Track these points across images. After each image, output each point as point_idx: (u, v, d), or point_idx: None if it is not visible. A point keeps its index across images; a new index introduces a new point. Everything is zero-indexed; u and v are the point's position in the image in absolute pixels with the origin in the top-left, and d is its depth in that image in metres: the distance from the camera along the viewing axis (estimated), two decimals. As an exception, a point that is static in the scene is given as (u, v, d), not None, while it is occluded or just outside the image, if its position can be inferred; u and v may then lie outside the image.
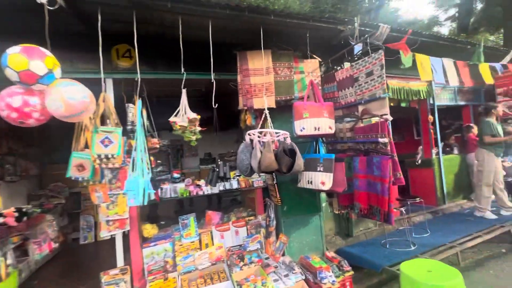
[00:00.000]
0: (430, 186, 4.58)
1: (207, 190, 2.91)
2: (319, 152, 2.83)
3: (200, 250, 2.82)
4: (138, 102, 2.13)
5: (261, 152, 2.04)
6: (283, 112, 2.92)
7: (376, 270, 2.67)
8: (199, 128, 2.07)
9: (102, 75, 2.04)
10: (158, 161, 5.75)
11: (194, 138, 2.05)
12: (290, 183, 2.96)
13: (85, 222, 4.71)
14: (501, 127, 3.94)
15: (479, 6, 13.72)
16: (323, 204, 3.30)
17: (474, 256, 3.04)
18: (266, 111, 2.38)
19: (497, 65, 4.32)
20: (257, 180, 3.13)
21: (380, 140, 2.24)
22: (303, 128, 2.40)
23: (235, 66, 2.74)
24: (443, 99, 4.90)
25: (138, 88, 2.10)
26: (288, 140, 2.27)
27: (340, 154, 2.81)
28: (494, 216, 3.79)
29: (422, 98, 4.48)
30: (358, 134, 2.56)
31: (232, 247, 2.95)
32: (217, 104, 2.20)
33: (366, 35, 2.63)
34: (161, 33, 2.55)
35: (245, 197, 3.78)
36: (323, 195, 3.26)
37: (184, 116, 2.00)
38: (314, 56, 3.04)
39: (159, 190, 2.76)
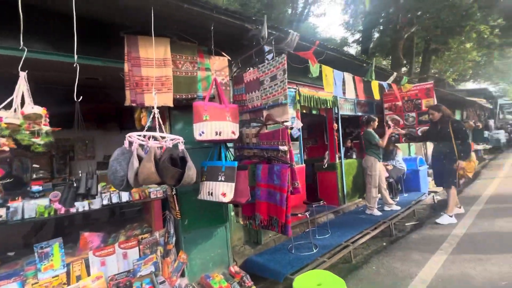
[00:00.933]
0: (334, 187, 5.01)
1: (83, 206, 2.27)
2: (226, 160, 2.58)
3: (67, 286, 2.16)
4: None
5: (139, 161, 1.63)
6: (187, 112, 2.56)
7: (279, 281, 2.60)
8: (46, 128, 1.49)
9: None
10: (35, 166, 4.49)
11: (39, 141, 1.46)
12: (193, 193, 2.61)
13: None
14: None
15: (376, 35, 16.58)
16: (232, 214, 3.09)
17: (364, 252, 3.37)
18: (155, 110, 1.96)
19: (384, 84, 5.07)
20: (155, 190, 2.66)
21: (280, 147, 2.14)
22: (203, 132, 2.10)
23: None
24: (346, 109, 5.47)
25: None
26: (181, 146, 1.92)
27: (246, 161, 2.63)
28: (379, 213, 4.39)
29: (329, 107, 4.86)
30: (262, 140, 2.43)
31: (117, 274, 2.38)
32: (81, 97, 1.66)
33: (271, 37, 2.53)
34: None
35: (143, 210, 3.23)
36: (231, 204, 3.04)
37: (18, 111, 1.39)
38: (223, 54, 2.80)
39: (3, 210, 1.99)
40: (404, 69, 15.54)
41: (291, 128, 4.09)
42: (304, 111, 5.10)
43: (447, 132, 3.94)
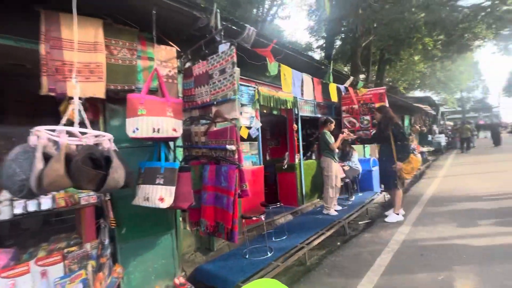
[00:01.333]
0: (293, 188, 5.00)
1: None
2: (169, 160, 2.32)
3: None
4: None
5: (45, 162, 1.31)
6: (126, 106, 2.25)
7: (229, 290, 2.42)
8: None
9: None
10: None
11: None
12: (132, 198, 2.31)
13: None
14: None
15: (338, 42, 17.43)
16: (180, 219, 2.83)
17: (318, 253, 3.35)
18: (76, 101, 1.64)
19: (341, 87, 5.22)
20: (87, 196, 2.29)
21: (228, 147, 1.96)
22: (137, 129, 1.83)
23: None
24: (306, 110, 5.52)
25: None
26: (107, 144, 1.63)
27: (194, 162, 2.40)
28: (335, 213, 4.46)
29: (289, 107, 4.84)
30: (211, 139, 2.23)
31: (30, 298, 1.98)
32: None
33: (222, 28, 2.35)
34: None
35: (73, 218, 2.80)
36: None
37: None
38: (170, 43, 2.54)
39: None
40: (362, 76, 16.59)
41: (250, 128, 3.96)
42: (265, 111, 5.02)
43: (387, 134, 4.07)
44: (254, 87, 4.11)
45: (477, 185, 5.77)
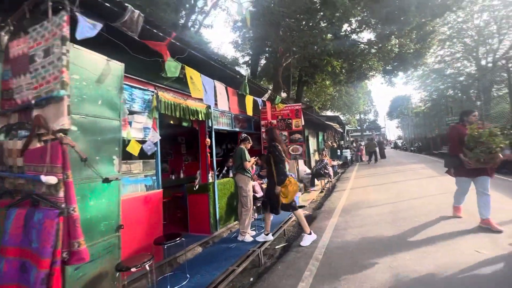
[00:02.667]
0: (205, 212, 4.27)
1: None
2: None
3: None
4: None
5: None
6: None
7: None
8: None
9: None
10: None
11: None
12: None
13: None
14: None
15: (263, 61, 18.18)
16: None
17: (224, 296, 2.70)
18: None
19: (259, 100, 4.93)
20: None
21: (43, 178, 1.11)
22: None
23: None
24: (223, 123, 4.97)
25: None
26: None
27: (3, 201, 1.41)
28: (251, 238, 3.95)
29: (201, 119, 4.18)
30: (28, 163, 1.31)
31: None
32: None
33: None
34: None
35: None
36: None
37: None
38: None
39: None
40: (284, 94, 17.63)
41: (144, 142, 3.08)
42: (172, 122, 4.21)
43: (268, 156, 3.84)
44: (153, 92, 3.29)
45: (378, 196, 6.35)
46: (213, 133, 4.45)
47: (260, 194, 4.77)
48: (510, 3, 18.34)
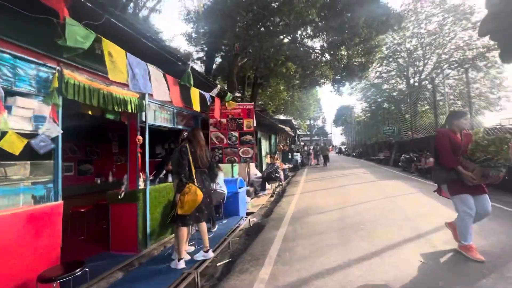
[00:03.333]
0: (132, 226, 3.46)
1: None
2: None
3: None
4: None
5: None
6: None
7: None
8: None
9: None
10: None
11: None
12: None
13: None
14: None
15: (219, 60, 17.47)
16: None
17: None
18: None
19: (207, 95, 4.32)
20: None
21: None
22: None
23: None
24: (162, 119, 4.22)
25: None
26: None
27: None
28: (188, 257, 3.27)
29: (132, 111, 3.38)
30: None
31: None
32: None
33: None
34: None
35: None
36: None
37: None
38: None
39: None
40: (239, 95, 17.21)
41: (35, 136, 2.21)
42: (91, 113, 3.34)
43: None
44: (54, 68, 2.42)
45: (326, 201, 6.32)
46: (147, 129, 3.67)
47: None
48: (433, 32, 21.48)
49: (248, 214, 5.83)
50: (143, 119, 3.64)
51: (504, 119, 9.08)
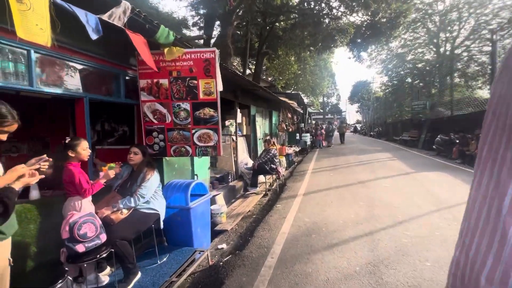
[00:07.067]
0: None
1: None
2: None
3: None
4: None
5: None
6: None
7: None
8: None
9: None
10: None
11: None
12: None
13: None
14: None
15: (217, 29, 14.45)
16: None
17: None
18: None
19: (82, 14, 1.87)
20: None
21: None
22: None
23: None
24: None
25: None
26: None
27: None
28: None
29: None
30: None
31: None
32: None
33: None
34: None
35: None
36: None
37: None
38: None
39: None
40: (236, 63, 14.45)
41: None
42: None
43: None
44: None
45: (341, 216, 3.92)
46: None
47: (99, 241, 1.89)
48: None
49: (218, 233, 3.58)
50: None
51: None
